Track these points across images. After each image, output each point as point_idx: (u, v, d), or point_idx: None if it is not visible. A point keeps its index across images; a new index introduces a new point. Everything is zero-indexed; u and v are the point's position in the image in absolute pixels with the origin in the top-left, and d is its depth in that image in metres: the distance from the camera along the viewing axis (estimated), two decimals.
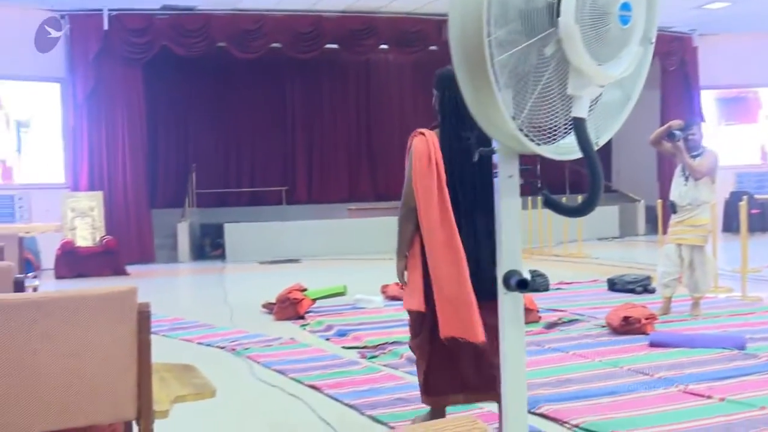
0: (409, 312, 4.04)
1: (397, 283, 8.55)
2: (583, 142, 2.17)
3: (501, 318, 2.39)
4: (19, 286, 3.10)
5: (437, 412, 3.99)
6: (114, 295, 2.16)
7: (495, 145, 2.37)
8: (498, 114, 2.13)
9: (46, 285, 10.11)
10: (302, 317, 7.54)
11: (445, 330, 3.67)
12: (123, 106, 13.83)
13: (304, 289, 7.99)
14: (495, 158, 2.37)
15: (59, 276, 12.06)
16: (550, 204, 2.35)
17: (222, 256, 14.29)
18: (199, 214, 15.57)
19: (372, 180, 17.89)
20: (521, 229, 2.39)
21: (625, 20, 2.13)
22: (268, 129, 17.32)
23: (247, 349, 6.22)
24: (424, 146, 3.93)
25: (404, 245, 4.08)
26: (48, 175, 13.56)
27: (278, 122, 17.47)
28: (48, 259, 12.36)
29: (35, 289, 6.48)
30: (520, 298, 2.39)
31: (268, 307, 7.99)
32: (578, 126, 2.17)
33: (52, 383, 2.11)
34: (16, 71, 13.10)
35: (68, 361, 2.12)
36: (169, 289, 11.04)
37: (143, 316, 2.21)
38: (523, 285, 2.30)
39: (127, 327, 2.18)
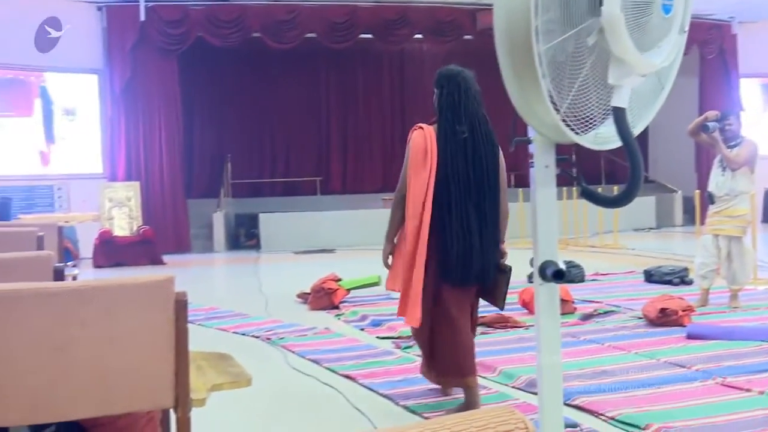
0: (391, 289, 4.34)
1: None
2: (624, 132, 2.14)
3: (537, 309, 2.38)
4: (58, 275, 3.14)
5: (470, 397, 4.20)
6: (152, 284, 2.18)
7: (531, 134, 2.35)
8: (542, 104, 2.12)
9: (85, 274, 10.25)
10: (337, 307, 7.57)
11: (399, 310, 4.20)
12: (159, 97, 13.96)
13: (339, 279, 8.02)
14: (531, 148, 2.36)
15: (97, 265, 12.23)
16: (588, 195, 2.33)
17: (257, 246, 14.38)
18: (234, 204, 15.68)
19: None
20: (557, 220, 2.38)
21: (667, 9, 2.11)
22: (302, 119, 17.37)
23: (282, 338, 6.26)
24: (422, 140, 4.18)
25: (392, 230, 4.34)
26: (86, 165, 13.73)
27: (313, 112, 17.52)
28: (86, 248, 12.53)
29: (74, 278, 6.57)
30: (555, 289, 2.38)
31: (303, 296, 8.03)
32: (619, 116, 2.15)
33: (90, 370, 2.14)
34: (55, 63, 13.27)
35: (107, 348, 2.15)
36: (205, 278, 11.14)
37: (180, 305, 2.22)
38: (559, 276, 2.29)
39: (165, 316, 2.20)
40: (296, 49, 15.35)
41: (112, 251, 12.47)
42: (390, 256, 4.37)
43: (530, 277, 8.46)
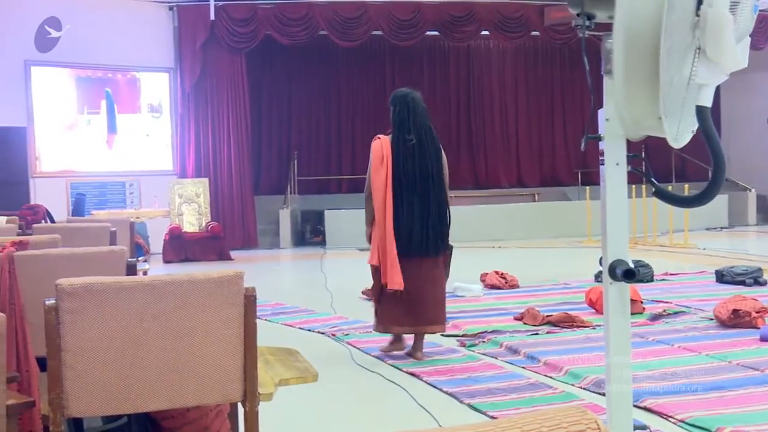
0: (371, 265, 5.48)
1: (496, 272, 8.56)
2: (708, 130, 2.10)
3: (606, 308, 2.35)
4: (131, 270, 3.22)
5: (395, 337, 5.56)
6: (222, 280, 2.22)
7: (601, 131, 2.32)
8: (653, 100, 2.10)
9: (155, 269, 10.47)
10: None
11: (382, 278, 5.33)
12: (228, 95, 14.17)
13: None
14: (602, 145, 2.33)
15: (167, 260, 12.47)
16: (661, 195, 2.29)
17: (322, 243, 14.49)
18: (301, 200, 15.82)
19: (472, 168, 17.78)
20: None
21: (756, 8, 2.07)
22: (368, 116, 17.40)
23: (347, 334, 6.30)
24: (379, 148, 5.45)
25: (369, 217, 5.44)
26: (157, 162, 14.01)
27: (379, 108, 17.51)
28: (156, 243, 12.77)
29: (145, 273, 6.72)
30: (625, 289, 2.34)
31: (368, 293, 8.06)
32: (704, 115, 2.11)
33: (162, 363, 2.19)
34: (128, 62, 13.57)
35: (178, 342, 2.20)
36: (271, 274, 11.27)
37: (249, 300, 2.26)
38: (629, 275, 2.26)
39: (235, 310, 2.23)
40: (362, 47, 15.42)
41: (181, 247, 12.70)
42: (371, 236, 5.47)
43: (597, 276, 8.35)
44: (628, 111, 2.19)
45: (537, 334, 6.04)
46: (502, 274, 8.66)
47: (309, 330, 6.62)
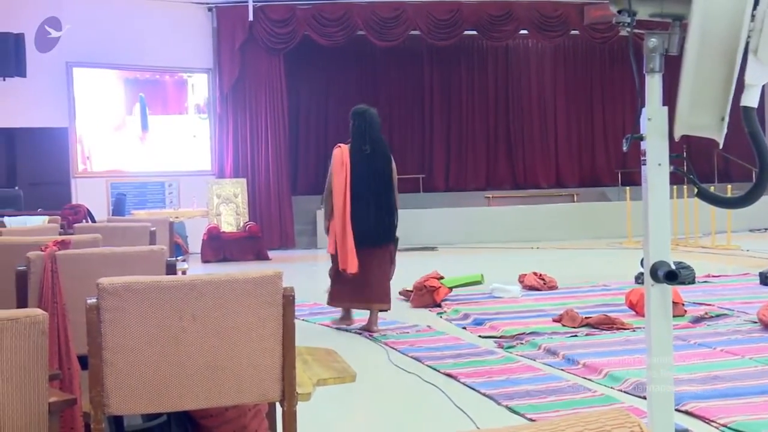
0: (330, 253, 6.52)
1: (535, 273, 8.52)
2: (754, 131, 2.08)
3: (647, 310, 2.33)
4: (170, 269, 3.24)
5: (345, 313, 6.72)
6: (261, 280, 2.23)
7: (643, 131, 2.30)
8: (721, 100, 2.08)
9: (194, 268, 10.55)
10: (439, 305, 7.57)
11: (340, 264, 6.31)
12: (266, 95, 14.25)
13: (441, 277, 8.01)
14: (643, 145, 2.30)
15: (205, 260, 12.57)
16: (704, 196, 2.26)
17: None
18: None
19: (510, 168, 17.68)
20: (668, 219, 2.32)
21: None
22: (405, 116, 17.40)
23: (384, 335, 6.30)
24: (339, 154, 6.45)
25: (328, 212, 6.46)
26: (195, 162, 14.13)
27: (416, 109, 17.53)
28: (195, 243, 12.87)
29: (184, 272, 6.78)
30: (667, 291, 2.31)
31: (405, 294, 8.06)
32: (749, 115, 2.09)
33: (201, 362, 2.21)
34: (167, 62, 13.71)
35: (217, 341, 2.22)
36: (309, 274, 11.30)
37: (288, 300, 2.27)
38: (671, 277, 2.23)
39: (273, 310, 2.25)
40: (400, 47, 15.40)
41: (219, 246, 12.79)
42: (329, 229, 6.46)
43: (638, 278, 8.26)
44: (692, 111, 2.17)
45: (576, 336, 6.00)
46: (540, 275, 8.61)
47: (346, 330, 6.64)
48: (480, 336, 6.22)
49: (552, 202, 15.98)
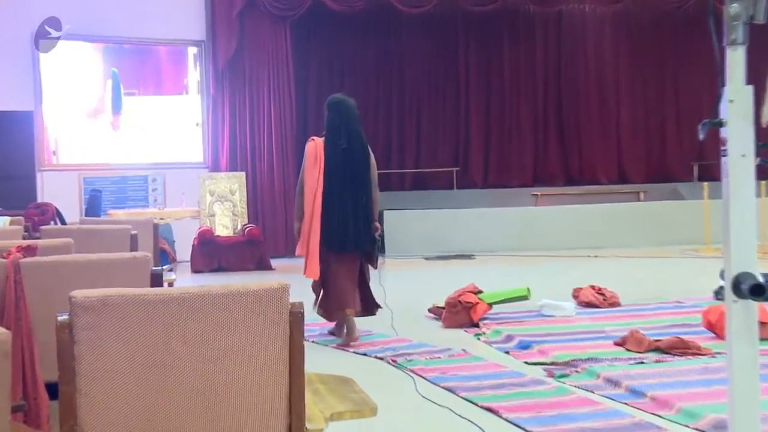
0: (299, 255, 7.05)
1: (592, 287, 8.52)
2: None
3: (728, 331, 2.32)
4: (156, 280, 3.27)
5: (339, 324, 7.21)
6: (264, 293, 2.24)
7: (723, 115, 2.29)
8: None
9: (182, 280, 10.61)
10: (476, 325, 7.56)
11: (304, 271, 6.90)
12: (269, 73, 14.27)
13: (479, 292, 8.00)
14: (723, 132, 2.29)
15: (196, 269, 12.60)
16: None
17: (381, 249, 14.50)
18: None
19: (562, 160, 17.66)
20: (755, 222, 2.31)
21: None
22: (436, 98, 17.40)
23: (410, 361, 6.31)
24: (312, 149, 6.97)
25: (299, 213, 6.99)
26: (184, 152, 14.21)
27: (449, 90, 17.52)
28: (183, 249, 12.91)
29: (171, 284, 6.81)
30: (753, 308, 2.30)
31: (436, 311, 8.06)
32: None
33: (192, 391, 2.22)
34: (149, 34, 13.76)
35: (211, 367, 2.23)
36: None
37: (296, 318, 2.27)
38: (758, 291, 2.22)
39: (278, 330, 2.25)
40: (430, 14, 15.41)
41: (212, 253, 12.82)
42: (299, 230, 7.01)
43: (717, 293, 8.21)
44: None
45: (642, 362, 5.97)
46: (599, 289, 8.58)
47: (365, 354, 6.65)
48: (526, 362, 6.21)
49: (613, 200, 15.91)
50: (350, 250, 6.93)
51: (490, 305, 7.94)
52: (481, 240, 14.28)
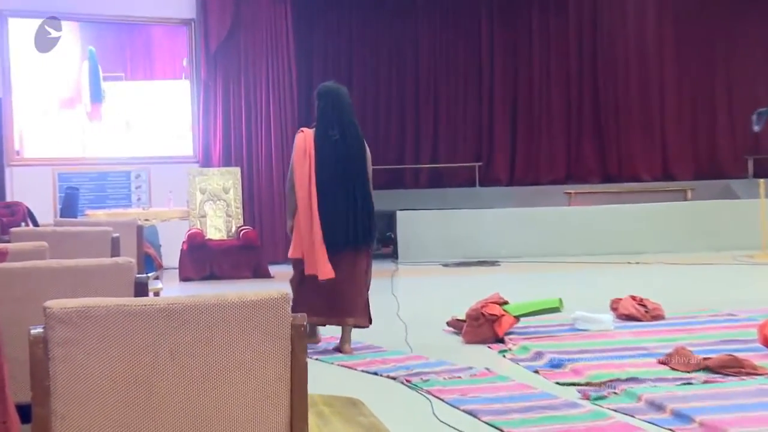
0: (292, 258, 7.28)
1: (633, 297, 8.52)
2: None
3: None
4: (140, 289, 3.27)
5: (310, 329, 7.21)
6: (263, 304, 2.24)
7: None
8: None
9: (170, 289, 10.62)
10: (501, 340, 7.55)
11: (307, 269, 7.04)
12: (267, 56, 14.27)
13: (505, 303, 8.00)
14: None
15: (184, 277, 12.61)
16: None
17: (393, 255, 14.52)
18: None
19: (599, 154, 17.62)
20: None
21: None
22: (456, 85, 17.41)
23: (426, 381, 6.30)
24: (301, 141, 7.17)
25: (291, 209, 7.25)
26: (172, 145, 14.24)
27: (470, 76, 17.52)
28: (170, 254, 12.94)
29: (157, 294, 6.84)
30: None
31: (455, 325, 8.05)
32: None
33: (182, 413, 2.22)
34: (130, 11, 13.79)
35: (203, 386, 2.23)
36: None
37: (298, 332, 2.27)
38: None
39: (279, 345, 2.25)
40: None
41: (203, 259, 12.81)
42: (292, 229, 7.26)
43: None
44: None
45: (690, 383, 5.96)
46: (640, 300, 8.56)
47: (375, 374, 6.64)
48: (558, 383, 6.20)
49: (657, 200, 15.88)
50: (346, 250, 7.11)
51: (517, 318, 7.93)
52: (507, 243, 14.26)
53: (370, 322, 7.39)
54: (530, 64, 17.47)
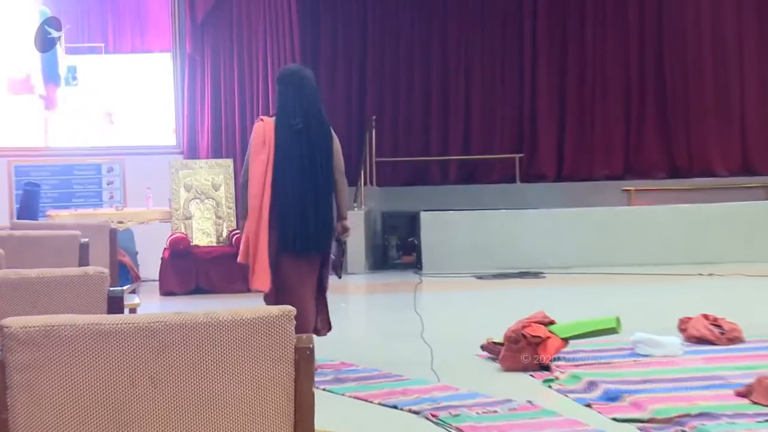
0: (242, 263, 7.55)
1: (705, 316, 8.54)
2: None
3: None
4: (115, 305, 3.29)
5: None
6: (262, 324, 2.25)
7: None
8: None
9: (149, 304, 10.62)
10: (546, 368, 7.55)
11: (250, 282, 7.40)
12: (265, 28, 14.28)
13: (550, 322, 8.00)
14: None
15: (166, 291, 12.62)
16: None
17: (416, 264, 14.51)
18: (381, 196, 15.86)
19: (665, 145, 17.54)
20: None
21: None
22: (491, 64, 17.38)
23: (456, 416, 6.31)
24: (261, 130, 7.41)
25: (244, 207, 7.50)
26: (151, 132, 14.28)
27: (510, 52, 17.49)
28: (149, 263, 12.96)
29: (133, 310, 6.87)
30: None
31: (492, 349, 8.05)
32: None
33: None
34: None
35: (190, 419, 2.25)
36: (335, 316, 11.30)
37: (303, 357, 2.29)
38: None
39: (280, 372, 2.27)
40: None
41: (189, 270, 12.79)
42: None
43: None
44: None
45: None
46: (714, 319, 8.55)
47: (395, 407, 6.65)
48: (615, 419, 6.19)
49: (735, 198, 15.83)
50: (309, 253, 7.43)
51: (565, 341, 7.93)
52: (553, 252, 14.27)
53: (330, 329, 7.91)
54: (582, 42, 17.38)
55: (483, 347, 8.16)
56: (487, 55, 17.32)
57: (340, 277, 8.06)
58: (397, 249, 15.18)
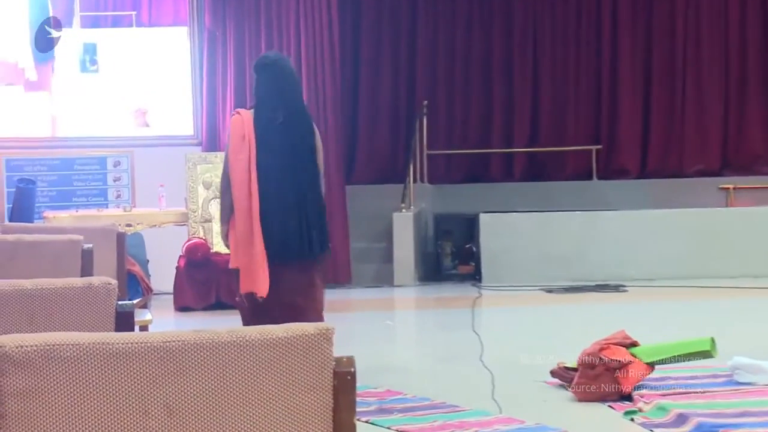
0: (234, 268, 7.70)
1: None
2: None
3: None
4: (124, 321, 3.31)
5: None
6: (294, 343, 2.25)
7: None
8: None
9: (163, 321, 10.67)
10: (629, 397, 7.54)
11: (243, 286, 7.54)
12: (296, 5, 14.29)
13: (633, 344, 7.99)
14: None
15: (182, 306, 12.66)
16: None
17: (474, 275, 14.50)
18: (434, 195, 15.87)
19: (723, 140, 17.44)
20: None
21: None
22: (561, 45, 17.36)
23: None
24: (239, 124, 7.64)
25: (225, 213, 7.76)
26: (164, 121, 14.38)
27: (585, 29, 17.46)
28: (163, 273, 13.01)
29: (145, 328, 6.90)
30: None
31: (563, 375, 8.05)
32: None
33: None
34: None
35: None
36: (377, 335, 11.31)
37: (343, 382, 2.30)
38: None
39: (316, 400, 2.27)
40: None
41: (208, 281, 12.79)
42: (228, 236, 7.78)
43: None
44: None
45: None
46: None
47: None
48: None
49: None
50: (292, 261, 7.63)
51: (651, 366, 7.92)
52: (636, 261, 14.23)
53: None
54: (671, 13, 17.34)
55: (553, 373, 8.15)
56: (559, 31, 17.30)
57: (324, 284, 8.33)
58: (452, 257, 15.17)
